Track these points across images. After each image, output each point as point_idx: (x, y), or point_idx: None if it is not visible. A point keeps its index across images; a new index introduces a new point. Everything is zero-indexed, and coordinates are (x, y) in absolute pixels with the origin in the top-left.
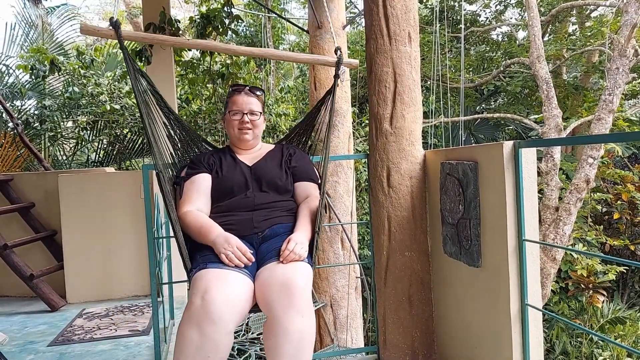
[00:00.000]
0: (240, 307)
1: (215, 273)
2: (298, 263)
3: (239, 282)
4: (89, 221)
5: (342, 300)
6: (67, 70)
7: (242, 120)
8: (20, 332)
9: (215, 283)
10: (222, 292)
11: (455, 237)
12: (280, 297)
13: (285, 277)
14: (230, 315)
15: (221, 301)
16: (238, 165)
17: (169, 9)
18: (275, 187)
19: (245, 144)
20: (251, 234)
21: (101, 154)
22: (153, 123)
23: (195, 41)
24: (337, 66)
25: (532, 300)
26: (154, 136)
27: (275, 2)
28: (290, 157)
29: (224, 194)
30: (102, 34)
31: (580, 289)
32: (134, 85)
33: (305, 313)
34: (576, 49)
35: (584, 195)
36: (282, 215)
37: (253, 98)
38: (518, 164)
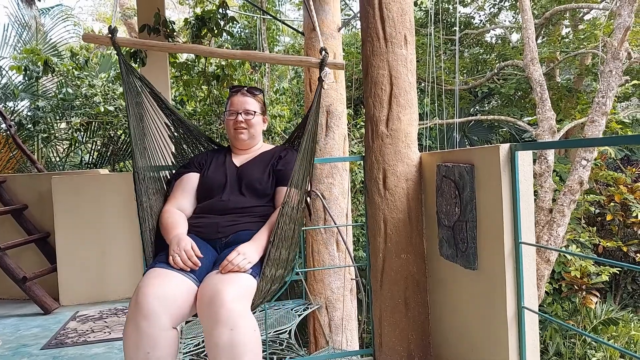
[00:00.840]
0: (176, 306)
1: (156, 272)
2: (235, 275)
3: (177, 282)
4: (82, 223)
5: (337, 302)
6: (61, 71)
7: (237, 120)
8: (13, 335)
9: (151, 281)
10: (155, 288)
11: (452, 239)
12: (208, 311)
13: (213, 290)
14: (162, 310)
15: (153, 296)
16: (225, 166)
17: (163, 11)
18: (253, 190)
19: (241, 144)
20: (215, 238)
21: (95, 156)
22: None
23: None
24: (321, 67)
25: (528, 302)
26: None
27: (270, 4)
28: (278, 159)
29: (204, 194)
30: (101, 42)
31: (574, 290)
32: (126, 88)
33: (236, 325)
34: (569, 51)
35: (577, 197)
36: (251, 221)
37: (249, 98)
38: (514, 167)
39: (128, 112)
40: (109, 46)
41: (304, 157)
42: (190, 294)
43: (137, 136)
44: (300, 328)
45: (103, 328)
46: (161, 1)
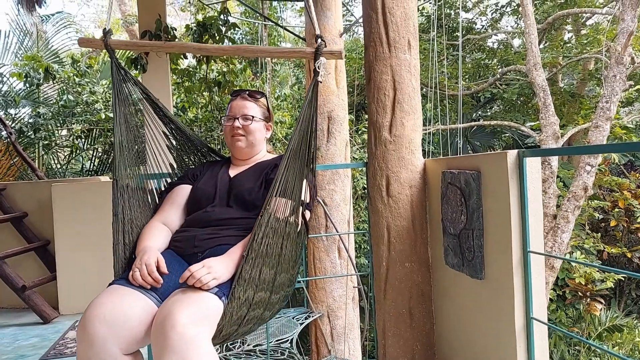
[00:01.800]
0: (127, 329)
1: (111, 289)
2: (195, 294)
3: (131, 302)
4: (82, 231)
5: (339, 310)
6: (62, 78)
7: (234, 126)
8: (11, 346)
9: (101, 300)
10: (103, 309)
11: (458, 248)
12: (156, 335)
13: (166, 311)
14: (108, 334)
15: (99, 319)
16: (217, 177)
17: (164, 17)
18: (242, 201)
19: (239, 152)
20: (191, 253)
21: (96, 163)
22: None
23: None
24: (316, 56)
25: (537, 313)
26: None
27: (272, 11)
28: (273, 168)
29: (195, 207)
30: (95, 45)
31: (578, 296)
32: (115, 93)
33: (187, 353)
34: (572, 56)
35: (581, 202)
36: (233, 234)
37: (248, 102)
38: (522, 174)
39: (115, 118)
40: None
41: (294, 160)
42: (147, 316)
43: (122, 143)
44: (302, 337)
45: None
46: (162, 7)
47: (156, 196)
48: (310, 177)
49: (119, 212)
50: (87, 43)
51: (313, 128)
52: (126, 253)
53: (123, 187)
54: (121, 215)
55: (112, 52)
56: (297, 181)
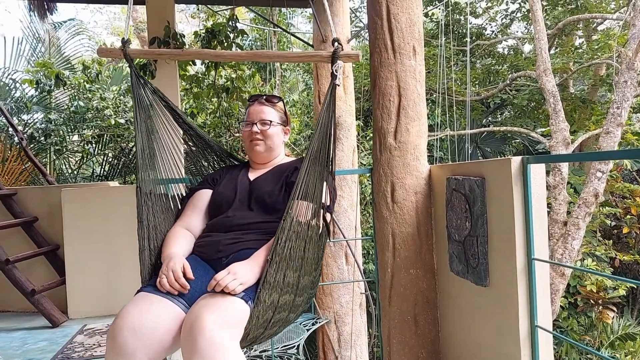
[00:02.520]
0: (156, 338)
1: (139, 297)
2: (222, 299)
3: (160, 310)
4: (91, 236)
5: (347, 316)
6: (73, 84)
7: (252, 131)
8: (20, 349)
9: (129, 309)
10: (132, 318)
11: (462, 255)
12: (186, 340)
13: (195, 315)
14: (137, 345)
15: (127, 329)
16: (236, 180)
17: (173, 24)
18: (262, 204)
19: (258, 157)
20: (215, 258)
21: (106, 168)
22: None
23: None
24: (333, 60)
25: (542, 321)
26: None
27: (281, 17)
28: (293, 171)
29: (215, 211)
30: (114, 55)
31: (590, 304)
32: (136, 101)
33: (214, 357)
34: (583, 62)
35: (592, 209)
36: (256, 238)
37: (266, 106)
38: (527, 180)
39: (136, 126)
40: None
41: (314, 164)
42: (175, 323)
43: (144, 151)
44: (308, 343)
45: None
46: (171, 14)
47: (178, 202)
48: (330, 180)
49: (143, 218)
50: (107, 53)
51: (332, 131)
52: (152, 259)
53: (147, 193)
54: (146, 222)
55: (131, 61)
56: (318, 184)
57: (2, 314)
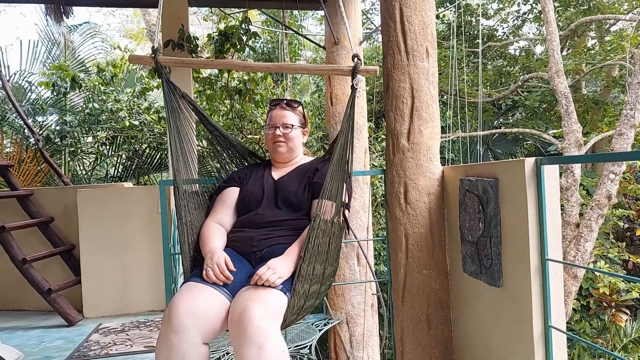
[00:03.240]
0: (207, 321)
1: (189, 286)
2: (265, 292)
3: (209, 297)
4: (106, 236)
5: (358, 317)
6: (88, 86)
7: (275, 134)
8: (37, 347)
9: (183, 295)
10: (186, 302)
11: (475, 255)
12: (236, 328)
13: (241, 307)
14: (192, 325)
15: (184, 311)
16: (263, 180)
17: (187, 26)
18: (289, 203)
19: (281, 157)
20: (250, 252)
21: (120, 169)
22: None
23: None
24: (353, 74)
25: (555, 322)
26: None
27: (292, 19)
28: (315, 172)
29: (244, 208)
30: (145, 62)
31: (603, 307)
32: (168, 107)
33: (263, 344)
34: (596, 63)
35: (605, 211)
36: (285, 234)
37: (287, 111)
38: (540, 181)
39: (169, 129)
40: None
41: (337, 167)
42: (222, 309)
43: (178, 152)
44: (320, 343)
45: (125, 341)
46: (185, 17)
47: (206, 198)
48: (348, 180)
49: (182, 215)
50: (137, 60)
51: (350, 138)
52: (190, 251)
53: (183, 192)
54: (184, 219)
55: (162, 68)
56: (340, 185)
57: (19, 313)
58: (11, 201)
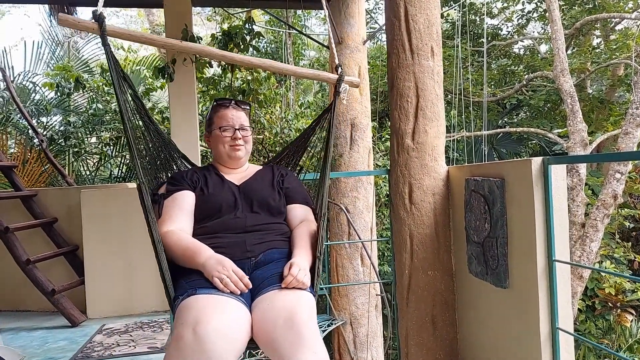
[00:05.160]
0: (239, 342)
1: (208, 300)
2: (301, 293)
3: (235, 310)
4: (110, 236)
5: (362, 318)
6: (92, 87)
7: (235, 137)
8: (40, 348)
9: (208, 312)
10: (217, 323)
11: (481, 256)
12: (286, 334)
13: (288, 311)
14: (226, 350)
15: (217, 334)
16: (225, 184)
17: (191, 26)
18: (267, 207)
19: (236, 162)
20: (243, 258)
21: (124, 170)
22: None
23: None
24: (338, 83)
25: (563, 323)
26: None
27: (296, 19)
28: (282, 177)
29: (210, 213)
30: (83, 27)
31: (608, 307)
32: (117, 88)
33: (318, 349)
34: (601, 62)
35: (611, 211)
36: (276, 239)
37: (242, 112)
38: (547, 181)
39: (123, 115)
40: (94, 33)
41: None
42: (246, 322)
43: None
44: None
45: (128, 342)
46: (189, 17)
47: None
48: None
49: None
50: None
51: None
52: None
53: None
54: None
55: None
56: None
57: (23, 313)
58: (15, 202)
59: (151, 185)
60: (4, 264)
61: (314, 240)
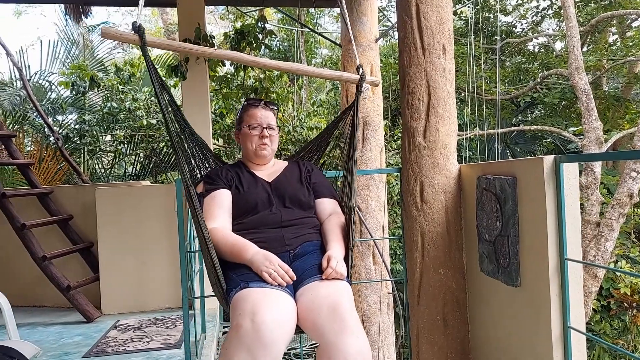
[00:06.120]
0: (289, 328)
1: (261, 292)
2: (340, 283)
3: (284, 301)
4: (124, 233)
5: (374, 316)
6: (106, 86)
7: (262, 135)
8: (56, 343)
9: (263, 303)
10: (272, 312)
11: (493, 254)
12: (331, 321)
13: (331, 300)
14: (281, 337)
15: (272, 323)
16: (258, 181)
17: (204, 25)
18: (298, 203)
19: (263, 159)
20: (283, 251)
21: (138, 168)
22: (179, 135)
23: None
24: (360, 83)
25: (575, 322)
26: (181, 149)
27: (309, 17)
28: (309, 173)
29: (247, 210)
30: (125, 39)
31: (624, 307)
32: (159, 95)
33: (359, 334)
34: (617, 59)
35: (627, 210)
36: (310, 232)
37: (270, 112)
38: (559, 180)
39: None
40: (134, 44)
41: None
42: (294, 311)
43: (180, 148)
44: None
45: (142, 338)
46: (202, 16)
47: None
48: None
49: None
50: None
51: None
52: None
53: (194, 191)
54: (202, 220)
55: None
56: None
57: (39, 309)
58: (31, 199)
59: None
60: (21, 260)
61: (345, 232)
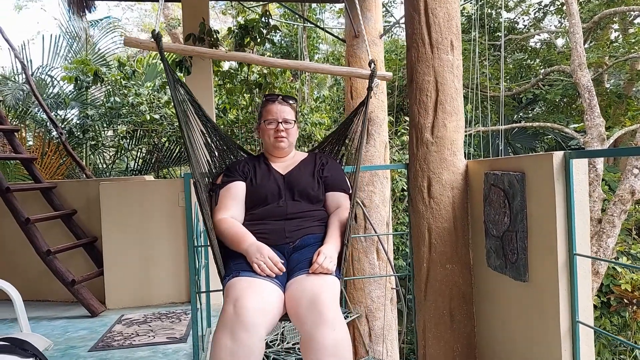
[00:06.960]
0: (271, 315)
1: (247, 282)
2: (326, 277)
3: (269, 291)
4: (128, 228)
5: (378, 311)
6: (109, 81)
7: (277, 129)
8: (62, 337)
9: (247, 292)
10: (254, 300)
11: (500, 250)
12: (310, 312)
13: (312, 293)
14: (261, 322)
15: (253, 309)
16: (272, 174)
17: (208, 20)
18: (307, 196)
19: (280, 152)
20: (283, 243)
21: (140, 162)
22: (191, 132)
23: (233, 54)
24: (371, 79)
25: (583, 317)
26: (192, 145)
27: (311, 12)
28: (322, 166)
29: (258, 202)
30: (144, 46)
31: (624, 304)
32: (174, 96)
33: (337, 326)
34: (619, 56)
35: (628, 207)
36: (313, 225)
37: (286, 107)
38: (569, 175)
39: (180, 121)
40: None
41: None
42: (279, 301)
43: (190, 145)
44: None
45: (148, 332)
46: (206, 11)
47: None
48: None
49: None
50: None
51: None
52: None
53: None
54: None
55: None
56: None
57: (44, 303)
58: (35, 194)
59: (212, 175)
60: (25, 254)
61: (344, 227)
